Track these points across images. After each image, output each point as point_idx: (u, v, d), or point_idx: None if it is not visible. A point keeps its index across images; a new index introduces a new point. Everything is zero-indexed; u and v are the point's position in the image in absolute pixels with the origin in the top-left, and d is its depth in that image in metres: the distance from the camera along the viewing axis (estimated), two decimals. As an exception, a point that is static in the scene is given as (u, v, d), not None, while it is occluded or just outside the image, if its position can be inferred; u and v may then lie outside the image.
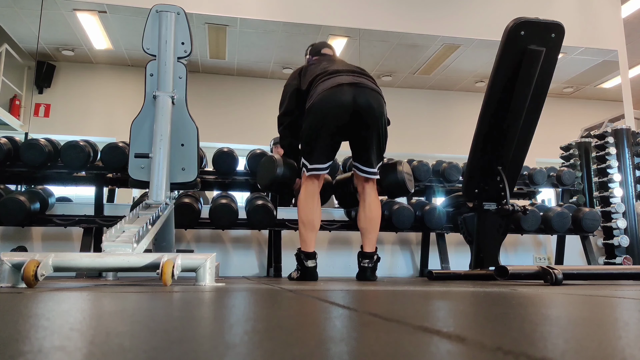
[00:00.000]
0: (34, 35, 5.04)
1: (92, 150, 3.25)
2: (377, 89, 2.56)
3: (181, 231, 3.50)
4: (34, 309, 0.89)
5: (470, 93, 6.30)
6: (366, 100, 2.47)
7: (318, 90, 2.49)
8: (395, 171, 2.80)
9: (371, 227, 2.67)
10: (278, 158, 2.74)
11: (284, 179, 2.70)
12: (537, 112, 2.62)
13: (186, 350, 0.45)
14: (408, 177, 2.84)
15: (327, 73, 2.56)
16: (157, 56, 2.43)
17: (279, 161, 2.71)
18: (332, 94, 2.46)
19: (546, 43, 2.44)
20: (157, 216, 2.15)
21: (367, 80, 2.55)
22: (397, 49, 5.47)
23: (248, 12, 4.87)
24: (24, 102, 5.70)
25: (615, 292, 1.50)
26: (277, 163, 2.70)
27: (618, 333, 0.60)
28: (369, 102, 2.47)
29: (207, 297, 1.21)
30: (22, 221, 3.05)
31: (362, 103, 2.46)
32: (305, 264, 2.59)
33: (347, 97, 2.45)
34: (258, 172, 2.91)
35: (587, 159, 4.37)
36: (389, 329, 0.64)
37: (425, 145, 5.96)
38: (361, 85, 2.50)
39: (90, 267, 1.74)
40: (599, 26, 5.56)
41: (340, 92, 2.45)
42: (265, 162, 2.81)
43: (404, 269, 3.96)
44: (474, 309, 0.99)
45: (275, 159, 2.73)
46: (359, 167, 2.64)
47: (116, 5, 4.70)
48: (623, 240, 3.98)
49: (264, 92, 5.59)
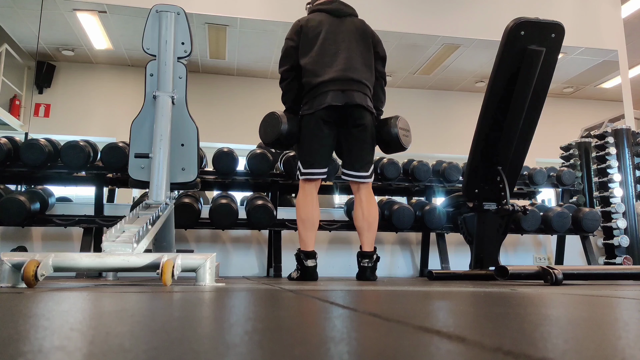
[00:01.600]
0: (34, 35, 5.05)
1: (92, 150, 3.25)
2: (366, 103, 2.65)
3: (181, 231, 3.50)
4: (34, 309, 0.89)
5: (470, 93, 6.30)
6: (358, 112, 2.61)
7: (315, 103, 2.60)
8: (389, 125, 2.76)
9: (368, 225, 2.68)
10: (281, 114, 2.70)
11: (290, 134, 2.67)
12: (537, 112, 2.62)
13: (186, 350, 0.45)
14: (403, 132, 2.77)
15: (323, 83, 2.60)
16: (157, 56, 2.43)
17: (283, 117, 2.67)
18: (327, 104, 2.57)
19: (546, 43, 2.44)
20: (157, 216, 2.15)
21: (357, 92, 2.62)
22: (397, 49, 5.47)
23: (248, 12, 4.87)
24: (24, 102, 5.71)
25: (615, 292, 1.50)
26: (281, 119, 2.66)
27: (618, 333, 0.60)
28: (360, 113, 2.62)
29: (207, 297, 1.21)
30: (22, 221, 3.05)
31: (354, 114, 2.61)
32: (305, 264, 2.59)
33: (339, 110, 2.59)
34: (261, 129, 2.82)
35: (587, 159, 4.37)
36: (389, 329, 0.64)
37: (425, 145, 5.95)
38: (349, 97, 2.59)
39: (90, 267, 1.73)
40: (599, 26, 5.56)
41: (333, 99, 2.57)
42: (268, 118, 2.74)
43: (404, 269, 3.96)
44: (474, 309, 0.99)
45: (279, 114, 2.69)
46: (350, 174, 2.70)
47: (116, 5, 4.70)
48: (623, 240, 3.98)
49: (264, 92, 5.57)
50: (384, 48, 2.85)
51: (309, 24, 2.74)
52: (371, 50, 2.77)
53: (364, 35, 2.77)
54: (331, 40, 2.69)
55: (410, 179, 3.77)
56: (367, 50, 2.74)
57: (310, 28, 2.72)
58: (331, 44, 2.67)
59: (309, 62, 2.66)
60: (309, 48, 2.68)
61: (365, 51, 2.74)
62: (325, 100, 2.57)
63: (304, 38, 2.70)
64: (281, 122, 2.65)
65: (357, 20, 2.82)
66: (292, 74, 2.73)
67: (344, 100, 2.57)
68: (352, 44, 2.70)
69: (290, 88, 2.75)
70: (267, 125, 2.74)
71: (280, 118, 2.66)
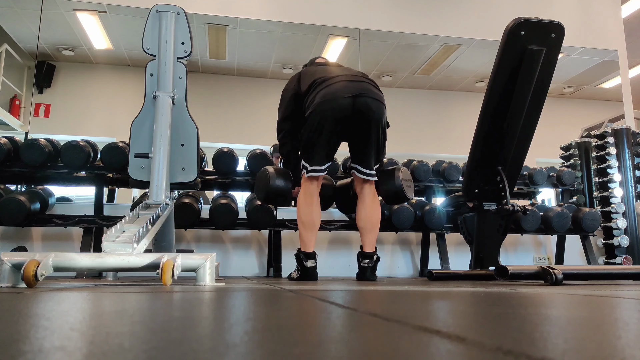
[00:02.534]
0: (34, 35, 5.04)
1: (92, 150, 3.25)
2: (378, 93, 2.54)
3: (181, 231, 3.50)
4: (34, 309, 0.89)
5: (470, 93, 6.30)
6: (365, 102, 2.47)
7: (318, 96, 2.49)
8: (393, 178, 2.73)
9: (370, 226, 2.67)
10: (271, 171, 2.70)
11: (278, 190, 2.67)
12: (537, 112, 2.62)
13: (186, 350, 0.45)
14: (406, 183, 2.76)
15: (327, 78, 2.55)
16: (157, 56, 2.43)
17: (272, 173, 2.68)
18: (333, 97, 2.46)
19: (546, 43, 2.44)
20: (157, 216, 2.15)
21: (367, 84, 2.54)
22: (397, 49, 5.47)
23: (248, 12, 4.87)
24: (24, 102, 5.70)
25: (615, 292, 1.50)
26: (270, 175, 2.67)
27: (618, 333, 0.60)
28: (367, 104, 2.47)
29: (207, 297, 1.21)
30: (22, 221, 3.06)
31: (362, 105, 2.46)
32: (305, 264, 2.59)
33: (347, 100, 2.45)
34: (255, 186, 2.87)
35: (587, 159, 4.37)
36: (389, 329, 0.64)
37: (425, 145, 5.96)
38: (361, 88, 2.50)
39: (90, 267, 1.73)
40: (599, 26, 5.56)
41: (340, 94, 2.46)
42: (260, 175, 2.77)
43: (404, 269, 3.96)
44: (474, 309, 0.99)
45: (269, 172, 2.69)
46: (358, 168, 2.64)
47: (116, 5, 4.70)
48: (623, 240, 3.98)
49: (264, 92, 5.59)
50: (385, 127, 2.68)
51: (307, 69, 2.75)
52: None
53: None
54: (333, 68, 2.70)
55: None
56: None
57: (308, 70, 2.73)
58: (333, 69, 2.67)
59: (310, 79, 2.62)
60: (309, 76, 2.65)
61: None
62: (333, 91, 2.46)
63: (303, 77, 2.69)
64: (269, 178, 2.66)
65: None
66: (287, 125, 2.69)
67: (355, 92, 2.46)
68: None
69: (285, 141, 2.73)
70: (259, 181, 2.77)
71: (269, 175, 2.67)
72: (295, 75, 2.78)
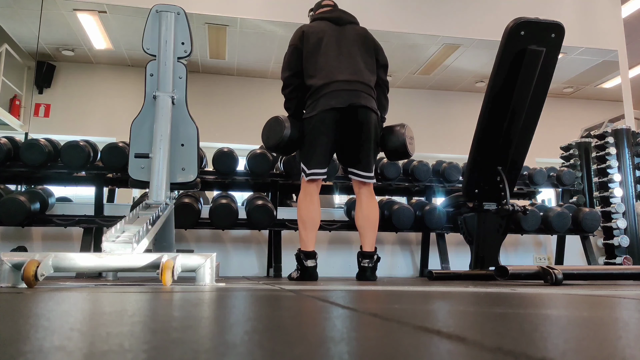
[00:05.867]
0: (34, 35, 5.05)
1: (92, 150, 3.25)
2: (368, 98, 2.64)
3: (181, 231, 3.50)
4: (34, 309, 0.89)
5: (470, 93, 6.30)
6: (356, 111, 2.60)
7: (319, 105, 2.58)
8: (397, 133, 2.78)
9: (369, 225, 2.68)
10: (284, 118, 2.68)
11: (292, 140, 2.65)
12: (537, 112, 2.62)
13: (186, 350, 0.45)
14: (409, 140, 2.80)
15: (326, 84, 2.60)
16: (157, 56, 2.43)
17: (286, 122, 2.65)
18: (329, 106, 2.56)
19: (546, 43, 2.44)
20: (157, 216, 2.15)
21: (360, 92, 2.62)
22: (397, 49, 5.47)
23: (248, 12, 4.87)
24: (24, 102, 5.71)
25: (615, 292, 1.50)
26: (284, 124, 2.64)
27: (618, 333, 0.60)
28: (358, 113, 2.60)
29: (207, 297, 1.21)
30: (22, 221, 3.05)
31: (354, 114, 2.59)
32: (305, 264, 2.59)
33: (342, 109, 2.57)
34: (264, 132, 2.79)
35: (587, 159, 4.37)
36: (389, 329, 0.64)
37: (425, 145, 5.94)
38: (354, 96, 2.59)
39: (90, 267, 1.73)
40: (599, 26, 5.56)
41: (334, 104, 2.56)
42: (271, 122, 2.73)
43: (404, 269, 3.96)
44: (474, 309, 0.99)
45: (282, 119, 2.67)
46: (355, 172, 2.69)
47: (116, 5, 4.70)
48: (623, 240, 3.98)
49: (264, 92, 5.59)
50: (385, 56, 2.85)
51: (311, 30, 2.75)
52: (373, 57, 2.78)
53: (366, 41, 2.78)
54: (333, 46, 2.70)
55: (410, 179, 3.77)
56: (369, 56, 2.76)
57: (312, 34, 2.73)
58: (334, 49, 2.68)
59: (312, 66, 2.66)
60: (312, 53, 2.68)
61: (367, 57, 2.75)
62: (330, 102, 2.57)
63: (307, 43, 2.71)
64: (284, 127, 2.63)
65: (358, 27, 2.84)
66: (296, 80, 2.71)
67: (349, 102, 2.57)
68: (354, 49, 2.71)
69: (293, 96, 2.74)
70: (270, 129, 2.73)
71: (284, 122, 2.65)
72: (299, 33, 2.78)
